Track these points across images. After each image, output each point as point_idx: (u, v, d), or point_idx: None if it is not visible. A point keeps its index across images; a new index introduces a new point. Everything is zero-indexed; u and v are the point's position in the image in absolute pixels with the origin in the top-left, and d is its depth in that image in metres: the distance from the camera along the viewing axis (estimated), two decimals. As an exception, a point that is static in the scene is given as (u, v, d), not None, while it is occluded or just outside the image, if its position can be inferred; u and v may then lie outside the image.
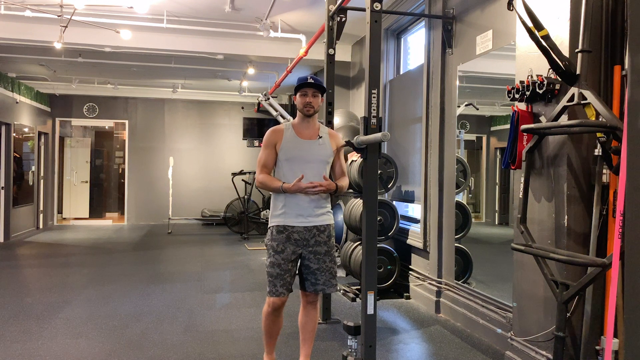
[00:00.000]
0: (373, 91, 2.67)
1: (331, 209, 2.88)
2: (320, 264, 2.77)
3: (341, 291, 5.02)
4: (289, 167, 2.77)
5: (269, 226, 2.83)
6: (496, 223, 4.73)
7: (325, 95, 3.34)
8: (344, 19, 4.03)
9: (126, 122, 11.14)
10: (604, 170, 2.52)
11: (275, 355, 3.15)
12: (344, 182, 2.87)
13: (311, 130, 2.83)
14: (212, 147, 11.40)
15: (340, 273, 5.75)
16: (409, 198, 5.40)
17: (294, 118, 3.10)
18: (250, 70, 7.81)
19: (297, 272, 2.82)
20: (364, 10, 2.74)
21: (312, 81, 2.75)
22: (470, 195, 4.72)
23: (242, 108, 11.46)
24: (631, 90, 1.26)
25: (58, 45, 5.68)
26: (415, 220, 5.17)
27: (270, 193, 2.90)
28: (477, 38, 3.84)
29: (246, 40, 6.80)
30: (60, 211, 11.22)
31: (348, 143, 2.77)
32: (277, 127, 2.87)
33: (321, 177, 2.76)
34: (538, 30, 2.44)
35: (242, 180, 9.41)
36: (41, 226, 10.11)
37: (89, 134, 12.34)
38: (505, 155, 2.85)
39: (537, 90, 2.69)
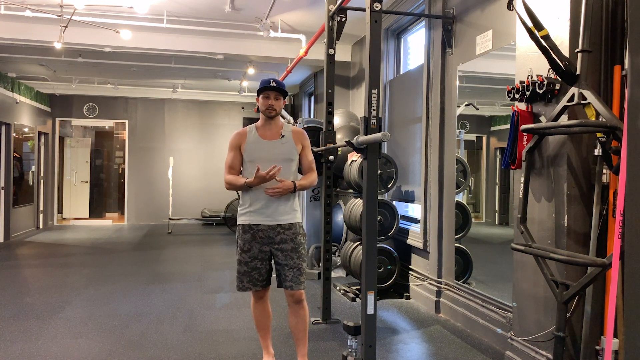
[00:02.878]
0: (373, 91, 2.68)
1: (298, 207, 2.95)
2: (288, 261, 2.83)
3: (341, 291, 5.02)
4: (254, 168, 2.81)
5: (237, 223, 2.92)
6: (496, 223, 4.73)
7: (322, 98, 3.34)
8: (344, 19, 4.03)
9: (126, 122, 11.14)
10: (604, 170, 2.52)
11: (275, 356, 3.16)
12: (310, 178, 2.95)
13: (273, 131, 2.91)
14: (212, 147, 11.40)
15: (340, 273, 5.75)
16: (409, 198, 5.40)
17: (294, 118, 3.14)
18: (250, 70, 7.81)
19: (270, 268, 2.92)
20: (364, 10, 2.75)
21: (275, 84, 2.83)
22: (470, 195, 4.72)
23: (242, 108, 11.47)
24: (631, 90, 1.26)
25: (58, 45, 5.68)
26: (415, 220, 5.17)
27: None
28: (477, 38, 3.84)
29: (246, 40, 6.80)
30: (60, 211, 11.22)
31: (348, 143, 2.77)
32: (241, 130, 2.96)
33: (286, 176, 2.83)
34: (538, 30, 2.44)
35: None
36: (41, 226, 10.11)
37: (89, 134, 12.34)
38: (505, 155, 2.85)
39: (537, 90, 2.69)
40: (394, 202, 5.29)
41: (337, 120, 5.85)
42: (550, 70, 2.61)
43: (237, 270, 2.91)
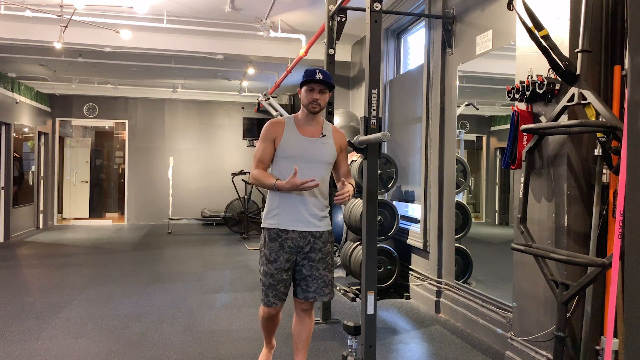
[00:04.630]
0: (373, 91, 2.67)
1: (329, 211, 2.71)
2: (313, 271, 2.59)
3: (341, 291, 5.01)
4: (287, 167, 2.53)
5: (262, 226, 2.65)
6: (496, 223, 4.73)
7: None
8: (344, 19, 4.03)
9: (126, 122, 11.14)
10: (604, 170, 2.52)
11: (275, 357, 3.16)
12: (354, 184, 2.70)
13: (314, 127, 2.62)
14: (212, 147, 11.40)
15: (340, 273, 5.75)
16: (409, 198, 5.40)
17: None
18: (250, 70, 7.81)
19: (292, 279, 2.69)
20: (364, 10, 2.74)
21: (321, 76, 2.50)
22: (470, 195, 4.72)
23: (242, 108, 11.46)
24: (631, 90, 1.26)
25: (58, 45, 5.68)
26: (415, 220, 5.17)
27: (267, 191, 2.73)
28: (477, 38, 3.84)
29: (246, 40, 6.80)
30: (60, 211, 11.22)
31: (348, 143, 2.77)
32: (277, 119, 2.66)
33: (321, 179, 2.55)
34: (538, 30, 2.44)
35: (242, 180, 9.42)
36: (41, 226, 10.11)
37: (89, 134, 12.34)
38: (505, 155, 2.85)
39: (537, 90, 2.69)
40: (394, 202, 5.29)
41: (337, 120, 5.85)
42: (550, 70, 2.61)
43: (262, 282, 2.62)
